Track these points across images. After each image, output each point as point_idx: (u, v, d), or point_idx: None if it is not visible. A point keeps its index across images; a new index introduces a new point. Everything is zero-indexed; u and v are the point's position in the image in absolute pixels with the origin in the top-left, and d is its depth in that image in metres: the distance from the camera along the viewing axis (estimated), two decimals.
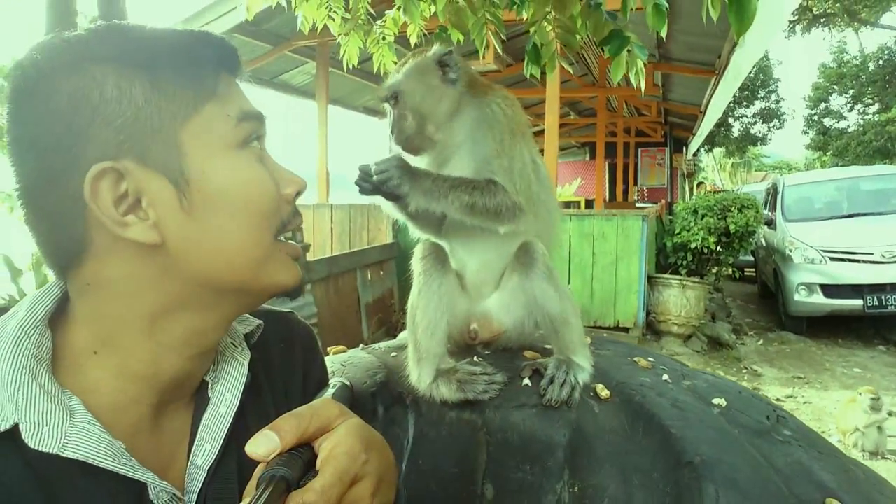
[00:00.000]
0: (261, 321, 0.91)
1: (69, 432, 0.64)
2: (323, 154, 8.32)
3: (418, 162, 1.37)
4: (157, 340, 0.73)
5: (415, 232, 1.48)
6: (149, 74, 0.70)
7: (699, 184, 19.84)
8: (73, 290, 0.73)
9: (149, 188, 0.69)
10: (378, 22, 2.65)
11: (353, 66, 2.78)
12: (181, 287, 0.72)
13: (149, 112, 0.68)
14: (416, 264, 1.37)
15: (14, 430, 0.62)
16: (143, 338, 0.72)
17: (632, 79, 1.74)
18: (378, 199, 1.36)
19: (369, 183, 1.27)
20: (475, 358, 1.35)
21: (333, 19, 2.60)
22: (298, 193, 0.81)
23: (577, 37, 2.00)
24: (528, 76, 2.08)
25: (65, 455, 0.63)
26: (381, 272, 6.54)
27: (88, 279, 0.71)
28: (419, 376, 1.29)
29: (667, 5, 1.61)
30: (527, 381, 1.27)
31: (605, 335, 1.88)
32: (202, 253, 0.71)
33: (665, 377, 1.35)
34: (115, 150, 0.67)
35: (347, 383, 0.89)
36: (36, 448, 0.62)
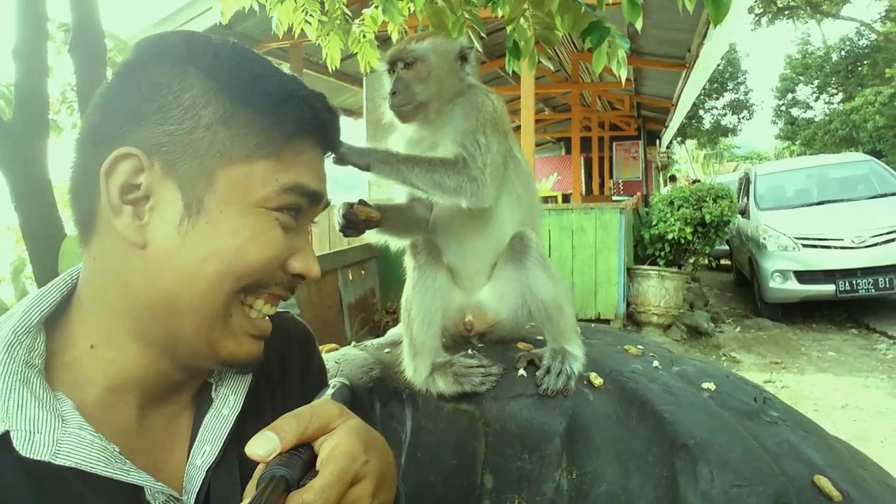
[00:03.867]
0: None
1: (61, 439, 0.63)
2: None
3: (412, 144, 1.42)
4: (137, 341, 0.73)
5: (398, 246, 1.50)
6: (229, 105, 0.71)
7: (671, 177, 19.82)
8: (85, 266, 0.75)
9: (161, 194, 0.69)
10: (356, 21, 2.65)
11: (336, 67, 2.77)
12: (137, 310, 0.71)
13: (202, 136, 0.70)
14: (409, 259, 1.38)
15: (7, 437, 0.62)
16: (128, 336, 0.72)
17: (613, 69, 1.76)
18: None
19: (353, 228, 1.37)
20: (470, 351, 1.36)
21: (310, 23, 2.59)
22: (302, 277, 0.78)
23: (557, 32, 2.02)
24: (510, 72, 2.10)
25: (57, 463, 0.62)
26: (363, 272, 6.52)
27: (94, 254, 0.73)
28: (415, 370, 1.30)
29: None
30: (522, 371, 1.29)
31: (593, 325, 1.90)
32: (173, 275, 0.70)
33: (655, 363, 1.38)
34: (152, 147, 0.69)
35: (347, 383, 0.89)
36: (27, 456, 0.62)
